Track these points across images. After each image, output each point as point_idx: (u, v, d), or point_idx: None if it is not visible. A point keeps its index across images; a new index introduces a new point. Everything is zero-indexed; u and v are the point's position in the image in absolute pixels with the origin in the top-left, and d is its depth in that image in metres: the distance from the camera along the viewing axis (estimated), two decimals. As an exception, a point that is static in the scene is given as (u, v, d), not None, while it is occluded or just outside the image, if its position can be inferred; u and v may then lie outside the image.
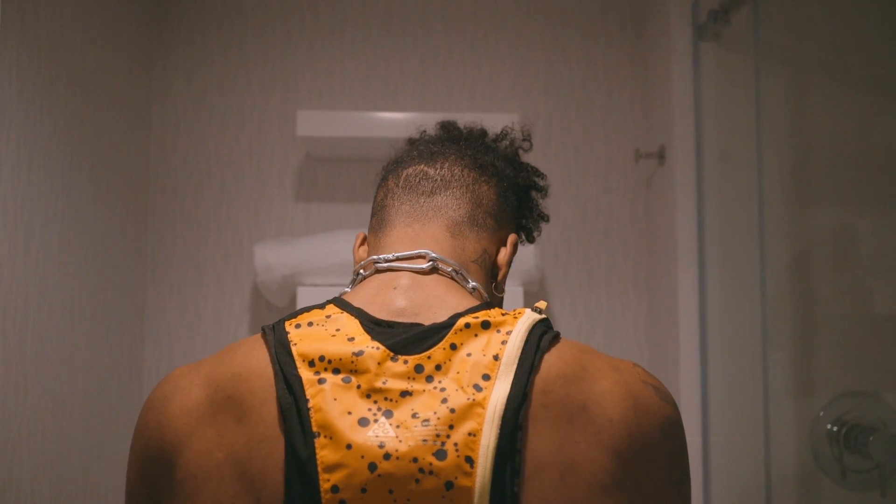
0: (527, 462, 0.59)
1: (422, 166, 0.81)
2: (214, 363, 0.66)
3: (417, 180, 0.80)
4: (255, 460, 0.60)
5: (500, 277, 0.81)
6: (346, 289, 0.76)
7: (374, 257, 0.75)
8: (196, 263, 2.02)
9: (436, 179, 0.79)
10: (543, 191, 0.92)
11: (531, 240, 0.92)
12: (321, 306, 0.70)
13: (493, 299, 0.79)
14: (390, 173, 0.84)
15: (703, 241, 1.78)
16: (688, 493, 0.67)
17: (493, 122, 1.17)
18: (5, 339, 1.33)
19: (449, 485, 0.57)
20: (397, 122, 1.90)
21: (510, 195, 0.85)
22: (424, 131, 0.93)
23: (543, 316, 0.67)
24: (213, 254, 2.03)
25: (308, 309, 0.70)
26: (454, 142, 0.86)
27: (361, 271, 0.76)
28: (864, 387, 1.55)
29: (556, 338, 0.66)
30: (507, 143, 0.92)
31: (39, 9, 1.45)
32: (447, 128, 0.91)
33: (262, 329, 0.67)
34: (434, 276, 0.73)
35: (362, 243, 0.83)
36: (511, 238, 0.82)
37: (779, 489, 1.60)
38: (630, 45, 2.10)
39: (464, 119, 0.96)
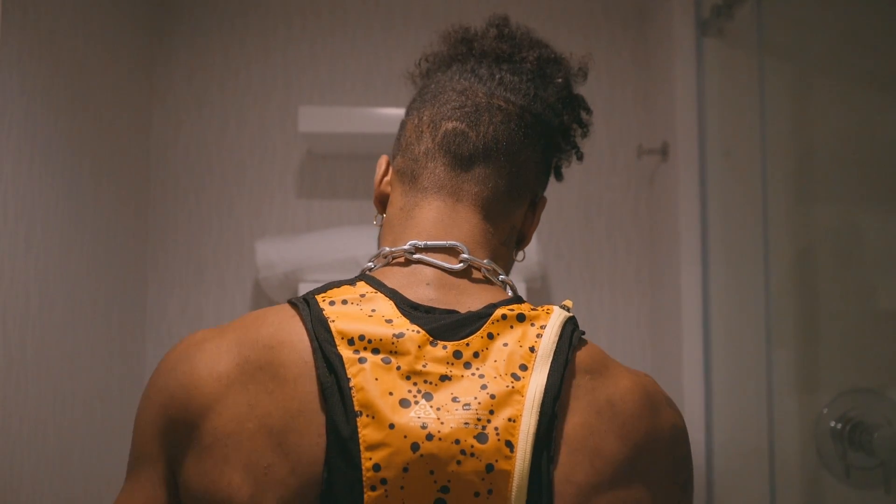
0: (560, 448, 0.62)
1: (463, 126, 0.76)
2: (241, 330, 0.66)
3: (457, 142, 0.76)
4: (292, 433, 0.60)
5: (523, 245, 0.81)
6: (370, 264, 0.74)
7: (405, 247, 0.72)
8: (197, 260, 2.02)
9: (478, 146, 0.75)
10: (586, 128, 0.87)
11: (560, 177, 0.88)
12: (351, 283, 0.70)
13: (508, 263, 0.79)
14: (426, 105, 0.81)
15: (707, 237, 1.78)
16: (691, 500, 0.70)
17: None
18: (6, 336, 1.33)
19: (489, 467, 0.59)
20: (399, 118, 1.88)
21: (550, 150, 0.82)
22: (476, 34, 0.88)
23: (571, 314, 0.69)
24: (215, 250, 2.02)
25: (338, 284, 0.69)
26: (502, 80, 0.80)
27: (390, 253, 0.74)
28: (867, 384, 1.55)
29: (583, 336, 0.69)
30: (562, 78, 0.84)
31: (40, 7, 1.44)
32: (500, 45, 0.86)
33: (291, 302, 0.67)
34: (465, 273, 0.72)
35: (386, 173, 0.82)
36: (541, 202, 0.81)
37: (783, 486, 1.60)
38: (633, 41, 2.09)
39: None
